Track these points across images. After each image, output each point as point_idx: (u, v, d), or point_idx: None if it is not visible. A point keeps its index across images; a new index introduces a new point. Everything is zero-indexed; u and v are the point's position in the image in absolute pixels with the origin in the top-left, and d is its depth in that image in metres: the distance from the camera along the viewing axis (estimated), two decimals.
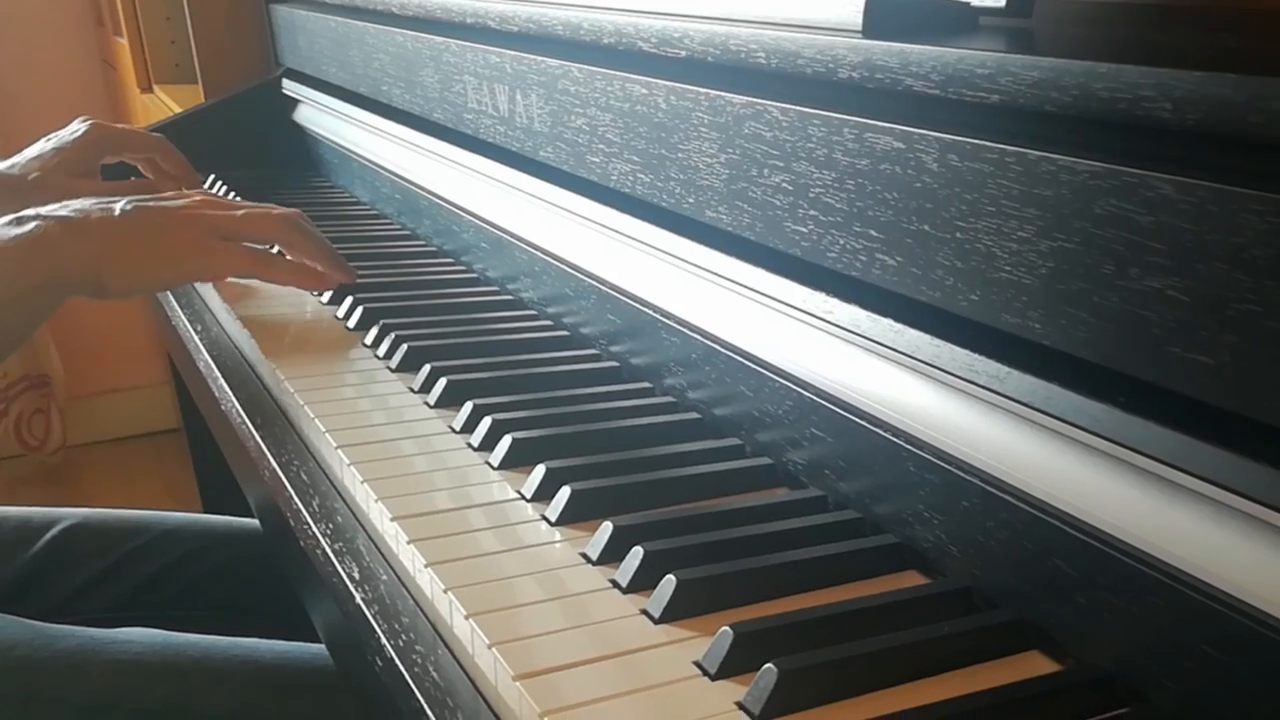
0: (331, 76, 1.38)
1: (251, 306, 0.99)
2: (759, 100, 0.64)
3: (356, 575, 0.60)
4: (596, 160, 0.82)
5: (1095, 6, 0.71)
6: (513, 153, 0.95)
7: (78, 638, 0.83)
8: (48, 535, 1.04)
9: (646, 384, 0.78)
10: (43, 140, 1.15)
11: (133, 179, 1.25)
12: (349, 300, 0.95)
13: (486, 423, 0.71)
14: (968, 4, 0.62)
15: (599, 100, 0.80)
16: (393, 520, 0.61)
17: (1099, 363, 0.46)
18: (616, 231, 0.80)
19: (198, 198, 0.93)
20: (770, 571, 0.55)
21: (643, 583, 0.54)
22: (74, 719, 0.78)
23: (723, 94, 0.67)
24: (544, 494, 0.63)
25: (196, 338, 0.98)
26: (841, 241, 0.59)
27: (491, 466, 0.68)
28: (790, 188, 0.62)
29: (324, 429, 0.72)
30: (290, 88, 1.52)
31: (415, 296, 0.97)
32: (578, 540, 0.59)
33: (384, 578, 0.60)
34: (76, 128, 1.16)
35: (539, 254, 0.91)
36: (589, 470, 0.65)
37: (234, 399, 0.84)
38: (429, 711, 0.50)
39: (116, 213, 0.85)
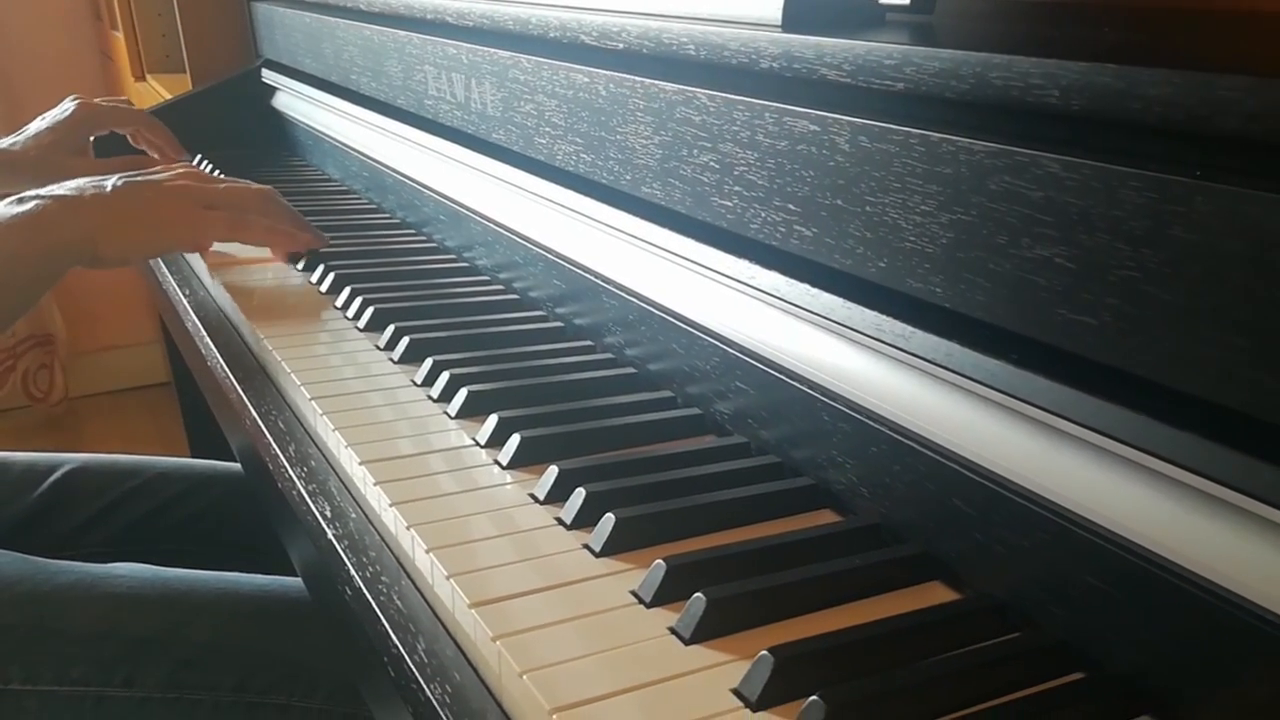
0: (306, 66, 1.35)
1: (234, 273, 0.96)
2: (689, 88, 0.62)
3: (328, 514, 0.59)
4: (543, 142, 0.80)
5: (992, 3, 0.70)
6: (468, 135, 0.93)
7: (76, 572, 0.81)
8: (51, 478, 1.02)
9: (589, 342, 0.77)
10: (37, 120, 1.11)
11: (122, 156, 1.21)
12: (321, 267, 0.93)
13: (445, 377, 0.69)
14: (876, 1, 0.61)
15: (545, 88, 0.78)
16: (361, 464, 0.59)
17: (994, 323, 0.45)
18: (561, 206, 0.79)
19: (180, 171, 0.91)
20: (699, 510, 0.54)
21: (585, 520, 0.53)
22: (73, 647, 0.76)
23: (657, 82, 0.65)
24: (496, 440, 0.62)
25: (185, 301, 0.95)
26: (763, 214, 0.58)
27: (449, 416, 0.66)
28: (717, 166, 0.61)
29: (299, 382, 0.70)
30: (269, 76, 1.49)
31: (381, 264, 0.95)
32: (526, 482, 0.58)
33: (353, 516, 0.59)
34: (66, 106, 1.13)
35: (492, 226, 0.89)
36: (537, 419, 0.64)
37: (219, 356, 0.82)
38: (393, 636, 0.49)
39: (108, 189, 0.84)
